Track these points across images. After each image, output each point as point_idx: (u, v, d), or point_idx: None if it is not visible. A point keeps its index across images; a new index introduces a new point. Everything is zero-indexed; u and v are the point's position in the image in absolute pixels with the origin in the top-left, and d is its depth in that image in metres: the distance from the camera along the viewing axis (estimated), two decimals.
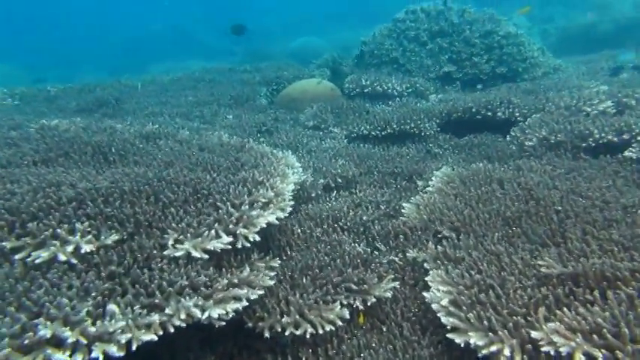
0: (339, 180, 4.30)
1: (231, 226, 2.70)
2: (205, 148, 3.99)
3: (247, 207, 2.82)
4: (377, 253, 3.16)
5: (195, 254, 2.47)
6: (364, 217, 3.56)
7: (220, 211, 2.77)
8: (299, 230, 3.33)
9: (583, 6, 19.80)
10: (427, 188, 3.92)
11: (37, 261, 2.13)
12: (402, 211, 3.63)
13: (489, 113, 5.99)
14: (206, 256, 2.50)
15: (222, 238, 2.60)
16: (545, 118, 5.39)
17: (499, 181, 3.78)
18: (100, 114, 6.85)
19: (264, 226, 2.79)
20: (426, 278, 2.67)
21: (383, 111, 6.27)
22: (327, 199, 4.07)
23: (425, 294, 2.55)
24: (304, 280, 2.74)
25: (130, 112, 6.87)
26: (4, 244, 2.20)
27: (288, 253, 3.08)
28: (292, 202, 3.05)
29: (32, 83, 15.01)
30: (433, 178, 4.08)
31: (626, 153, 4.30)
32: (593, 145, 4.61)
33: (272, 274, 2.67)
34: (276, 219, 2.87)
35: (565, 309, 2.13)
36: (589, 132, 4.65)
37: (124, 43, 30.80)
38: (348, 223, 3.51)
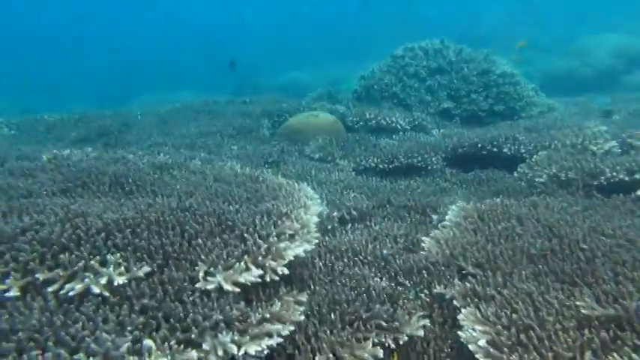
0: (354, 212, 4.27)
1: (260, 259, 2.63)
2: (220, 179, 3.94)
3: (275, 239, 2.76)
4: (401, 288, 3.10)
5: (227, 287, 2.39)
6: (384, 251, 3.51)
7: (248, 242, 2.71)
8: (320, 263, 3.26)
9: (558, 52, 20.54)
10: (444, 222, 3.90)
11: (70, 293, 2.04)
12: (422, 245, 3.59)
13: (495, 149, 6.06)
14: (237, 290, 2.42)
15: (252, 270, 2.53)
16: (552, 155, 5.47)
17: (517, 218, 3.78)
18: (101, 144, 6.79)
19: (292, 258, 2.73)
20: (459, 317, 2.61)
21: (389, 144, 6.32)
22: (344, 231, 4.02)
23: (460, 333, 2.48)
24: (332, 316, 2.67)
25: (133, 142, 6.82)
26: (37, 276, 2.11)
27: (312, 286, 3.00)
28: (318, 235, 3.01)
29: (20, 113, 14.86)
30: (449, 213, 4.07)
31: (638, 193, 4.35)
32: (605, 183, 4.66)
33: (301, 308, 2.59)
34: (303, 251, 2.82)
35: (615, 354, 2.09)
36: (600, 170, 4.71)
37: (110, 72, 30.77)
38: (369, 257, 3.46)
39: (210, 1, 47.27)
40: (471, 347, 2.35)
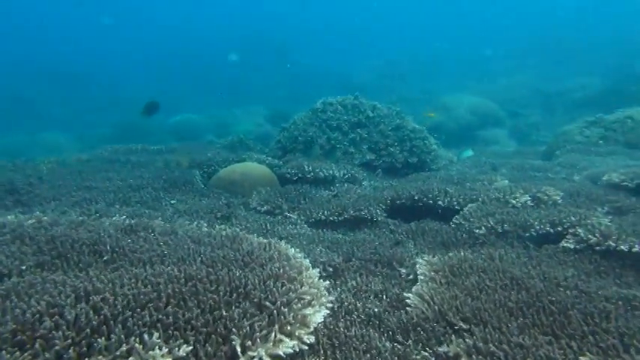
0: (329, 268, 4.31)
1: (288, 328, 2.57)
2: (197, 241, 3.77)
3: (299, 305, 2.72)
4: (403, 348, 3.19)
5: None
6: (375, 309, 3.60)
7: (272, 311, 2.63)
8: (321, 326, 3.25)
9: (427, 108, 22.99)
10: (420, 277, 4.11)
11: None
12: (407, 301, 3.74)
13: (430, 201, 6.54)
14: None
15: (286, 341, 2.47)
16: (483, 208, 6.05)
17: (483, 270, 4.12)
18: (11, 202, 6.04)
19: (316, 325, 2.71)
20: None
21: (339, 197, 6.51)
22: (328, 289, 4.03)
23: None
24: None
25: (50, 199, 6.17)
26: None
27: (326, 352, 2.97)
28: (331, 298, 3.01)
29: None
30: (419, 267, 4.29)
31: (564, 244, 4.99)
32: (535, 235, 5.29)
33: None
34: (322, 316, 2.81)
35: None
36: (530, 224, 5.33)
37: None
38: (362, 316, 3.51)
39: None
40: None
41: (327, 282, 3.14)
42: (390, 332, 3.38)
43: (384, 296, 3.92)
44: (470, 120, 21.42)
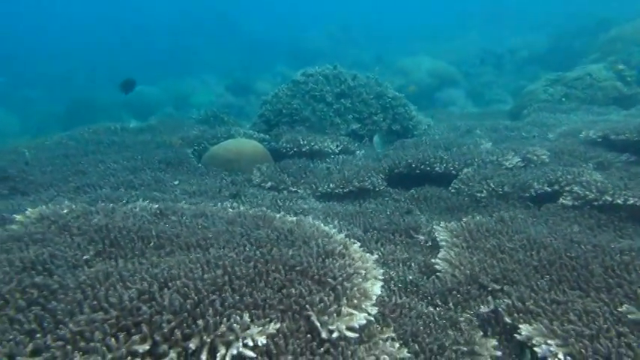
0: (354, 240, 4.40)
1: (355, 301, 2.66)
2: (232, 221, 3.77)
3: (360, 280, 2.81)
4: (444, 311, 3.35)
5: (349, 334, 2.42)
6: (409, 277, 3.74)
7: (337, 286, 2.71)
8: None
9: (385, 71, 23.10)
10: (440, 243, 4.27)
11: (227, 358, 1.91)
12: (437, 267, 3.90)
13: (428, 168, 6.69)
14: (356, 335, 2.45)
15: (357, 315, 2.56)
16: (479, 171, 6.26)
17: (500, 233, 4.33)
18: (7, 189, 5.77)
19: (375, 297, 2.80)
20: (522, 334, 2.92)
21: (335, 169, 6.56)
22: None
23: (537, 350, 2.80)
24: (417, 347, 2.81)
25: (47, 185, 5.93)
26: (190, 345, 1.91)
27: (383, 320, 3.09)
28: (381, 270, 3.11)
29: None
30: (437, 234, 4.46)
31: (563, 201, 5.26)
32: (534, 195, 5.54)
33: (396, 344, 2.68)
34: (379, 288, 2.91)
35: None
36: (529, 184, 5.57)
37: None
38: (399, 284, 3.65)
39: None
40: None
41: (376, 255, 3.23)
42: (429, 297, 3.54)
43: (412, 264, 4.07)
44: (429, 82, 21.62)
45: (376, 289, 2.82)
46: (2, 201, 4.88)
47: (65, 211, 3.35)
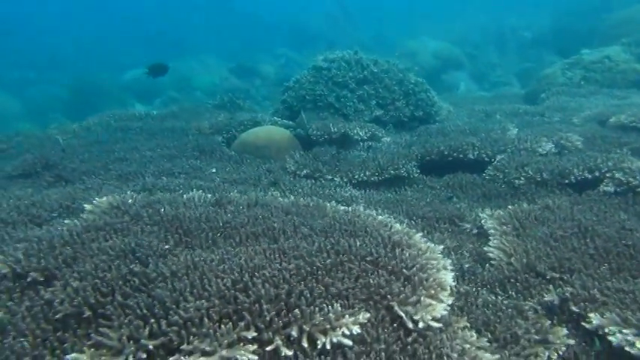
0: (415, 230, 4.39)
1: (432, 292, 2.66)
2: (288, 211, 3.76)
3: (434, 270, 2.80)
4: (506, 299, 3.35)
5: (435, 324, 2.43)
6: (466, 265, 3.73)
7: (413, 277, 2.71)
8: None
9: (389, 53, 22.82)
10: (490, 231, 4.25)
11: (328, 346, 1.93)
12: (490, 255, 3.89)
13: (461, 155, 6.65)
14: (440, 325, 2.46)
15: (438, 305, 2.56)
16: (514, 158, 6.20)
17: (549, 220, 4.30)
18: (52, 177, 5.79)
19: (449, 288, 2.80)
20: (593, 322, 2.91)
21: (369, 157, 6.53)
22: None
23: (611, 338, 2.77)
24: (491, 336, 2.81)
25: (89, 173, 5.93)
26: (292, 332, 1.94)
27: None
28: (449, 260, 3.11)
29: None
30: (484, 222, 4.43)
31: (605, 188, 5.21)
32: (574, 181, 5.49)
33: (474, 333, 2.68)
34: (452, 278, 2.91)
35: None
36: (569, 171, 5.52)
37: None
38: (457, 273, 3.64)
39: None
40: (632, 350, 2.67)
41: (441, 246, 3.22)
42: (488, 286, 3.53)
43: (464, 252, 4.06)
44: (434, 64, 21.19)
45: (449, 279, 2.82)
46: (53, 189, 4.88)
47: (130, 201, 3.35)
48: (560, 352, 2.76)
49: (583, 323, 2.99)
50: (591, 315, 2.98)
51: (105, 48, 29.40)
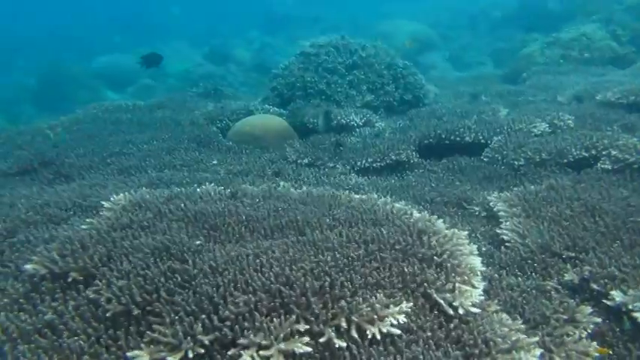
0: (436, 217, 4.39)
1: (465, 277, 2.66)
2: (304, 202, 3.71)
3: (465, 257, 2.80)
4: (526, 280, 3.39)
5: (474, 310, 2.44)
6: (483, 248, 3.76)
7: (444, 264, 2.71)
8: None
9: (365, 34, 22.62)
10: (500, 213, 4.28)
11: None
12: (504, 237, 3.92)
13: (458, 138, 6.66)
14: (478, 310, 2.48)
15: (471, 290, 2.57)
16: (510, 139, 6.25)
17: (556, 200, 4.35)
18: (51, 174, 5.60)
19: (480, 273, 2.81)
20: (616, 300, 2.97)
21: (367, 144, 6.50)
22: None
23: (636, 315, 2.83)
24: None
25: (87, 168, 5.76)
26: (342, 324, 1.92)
27: None
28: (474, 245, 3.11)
29: None
30: (493, 204, 4.46)
31: (602, 165, 5.30)
32: (572, 160, 5.57)
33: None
34: (481, 262, 2.92)
35: None
36: (567, 150, 5.59)
37: None
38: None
39: None
40: None
41: (466, 231, 3.22)
42: (507, 268, 3.56)
43: (477, 235, 4.08)
44: (409, 47, 21.13)
45: (479, 264, 2.83)
46: (58, 187, 4.71)
47: (148, 197, 3.26)
48: (589, 331, 2.80)
49: (605, 301, 3.04)
50: (613, 292, 3.03)
51: (73, 34, 28.23)
